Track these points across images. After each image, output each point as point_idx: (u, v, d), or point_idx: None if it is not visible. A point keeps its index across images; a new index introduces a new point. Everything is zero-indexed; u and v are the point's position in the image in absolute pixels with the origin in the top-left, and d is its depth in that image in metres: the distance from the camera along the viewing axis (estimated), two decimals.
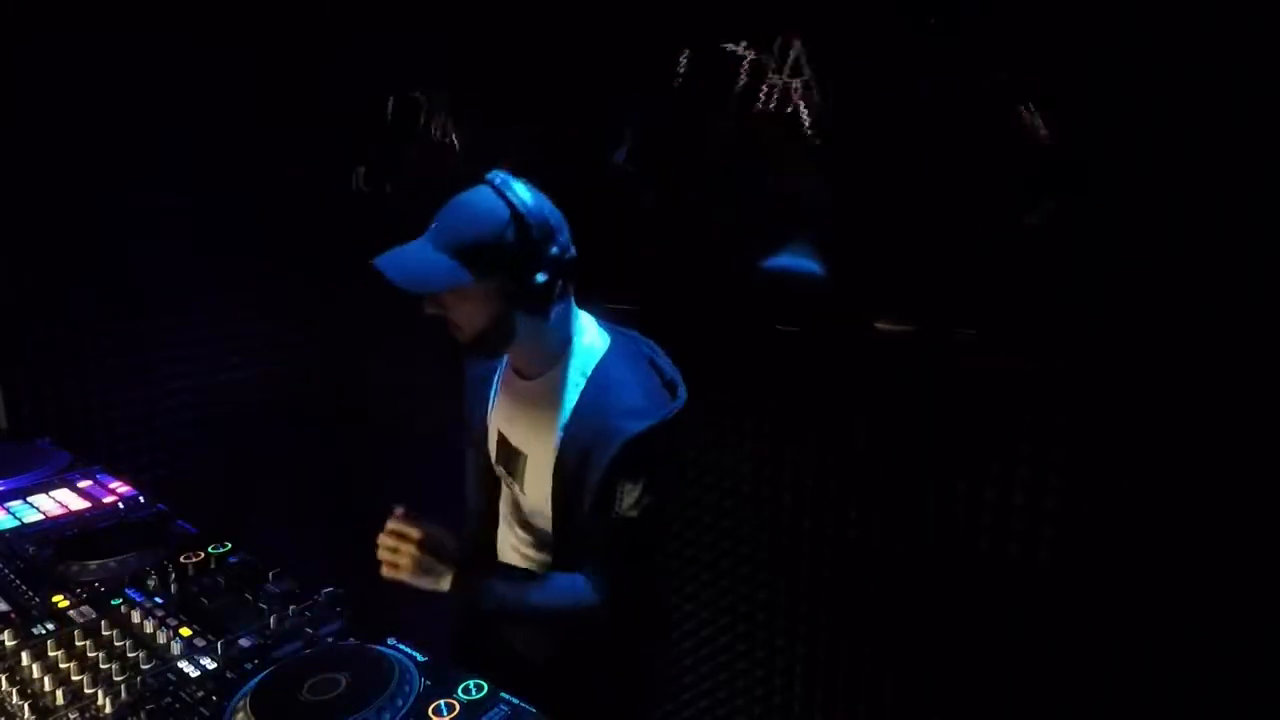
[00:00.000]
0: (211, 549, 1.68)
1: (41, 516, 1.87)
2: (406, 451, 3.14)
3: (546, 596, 1.47)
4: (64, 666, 1.31)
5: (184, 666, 1.32)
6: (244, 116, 2.96)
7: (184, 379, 3.03)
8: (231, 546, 1.70)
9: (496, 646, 1.64)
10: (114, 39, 2.63)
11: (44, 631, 1.41)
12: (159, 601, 1.51)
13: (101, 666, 1.32)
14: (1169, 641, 1.72)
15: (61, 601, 1.51)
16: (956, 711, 2.06)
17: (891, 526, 2.08)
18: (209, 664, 1.32)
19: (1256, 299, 1.54)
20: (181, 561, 1.63)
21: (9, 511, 1.88)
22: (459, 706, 1.20)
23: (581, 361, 1.47)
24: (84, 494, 2.00)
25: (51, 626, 1.43)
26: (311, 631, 1.41)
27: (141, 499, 1.96)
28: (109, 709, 1.22)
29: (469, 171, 1.41)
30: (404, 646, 1.35)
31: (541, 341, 1.46)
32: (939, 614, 2.04)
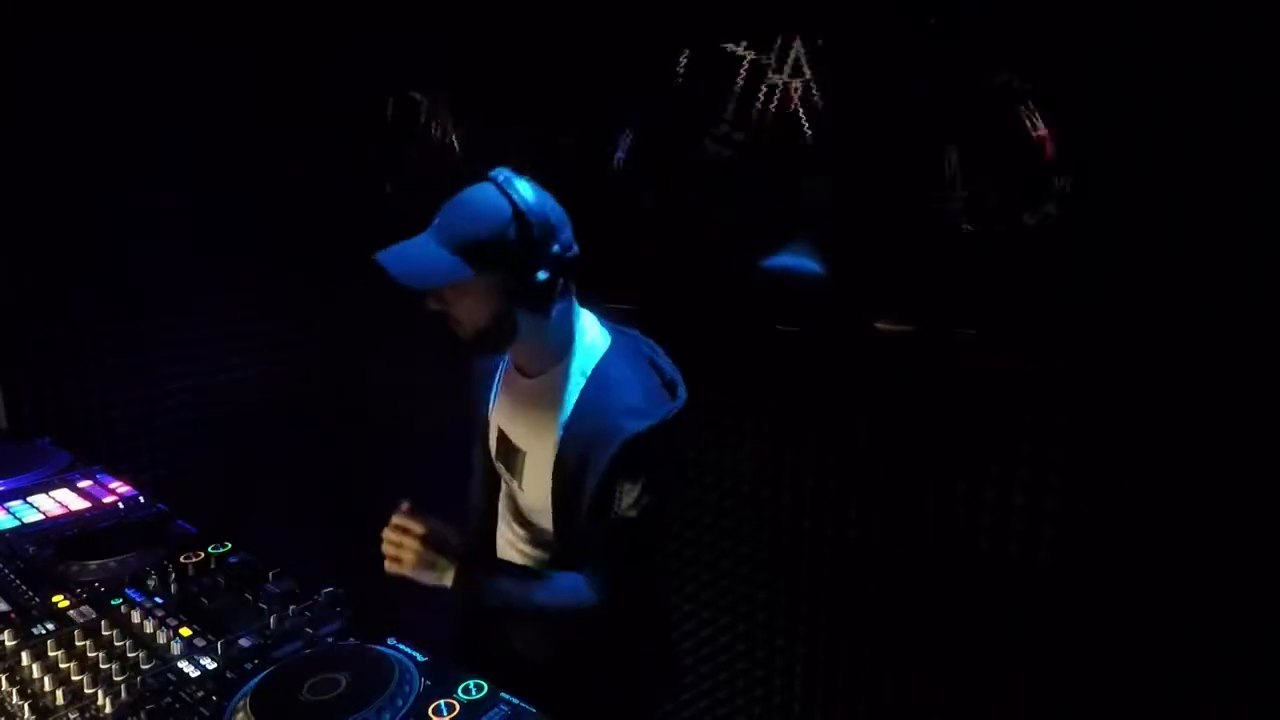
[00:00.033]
0: (211, 549, 1.68)
1: (41, 516, 1.87)
2: (406, 451, 3.14)
3: (548, 594, 1.47)
4: (64, 666, 1.31)
5: (184, 666, 1.32)
6: (244, 116, 2.96)
7: (184, 379, 3.03)
8: (231, 546, 1.70)
9: (496, 646, 1.64)
10: (114, 39, 2.64)
11: (44, 631, 1.41)
12: (159, 601, 1.50)
13: (101, 666, 1.31)
14: (1169, 641, 1.72)
15: (61, 601, 1.51)
16: (956, 711, 2.06)
17: (891, 526, 2.08)
18: (209, 664, 1.32)
19: (1256, 299, 1.54)
20: (181, 561, 1.62)
21: (9, 511, 1.88)
22: (459, 706, 1.20)
23: (582, 360, 1.47)
24: (84, 494, 2.00)
25: (51, 626, 1.43)
26: (311, 631, 1.41)
27: (141, 499, 1.96)
28: (109, 709, 1.22)
29: (469, 171, 1.41)
30: (404, 646, 1.34)
31: (543, 339, 1.46)
32: (939, 614, 2.04)
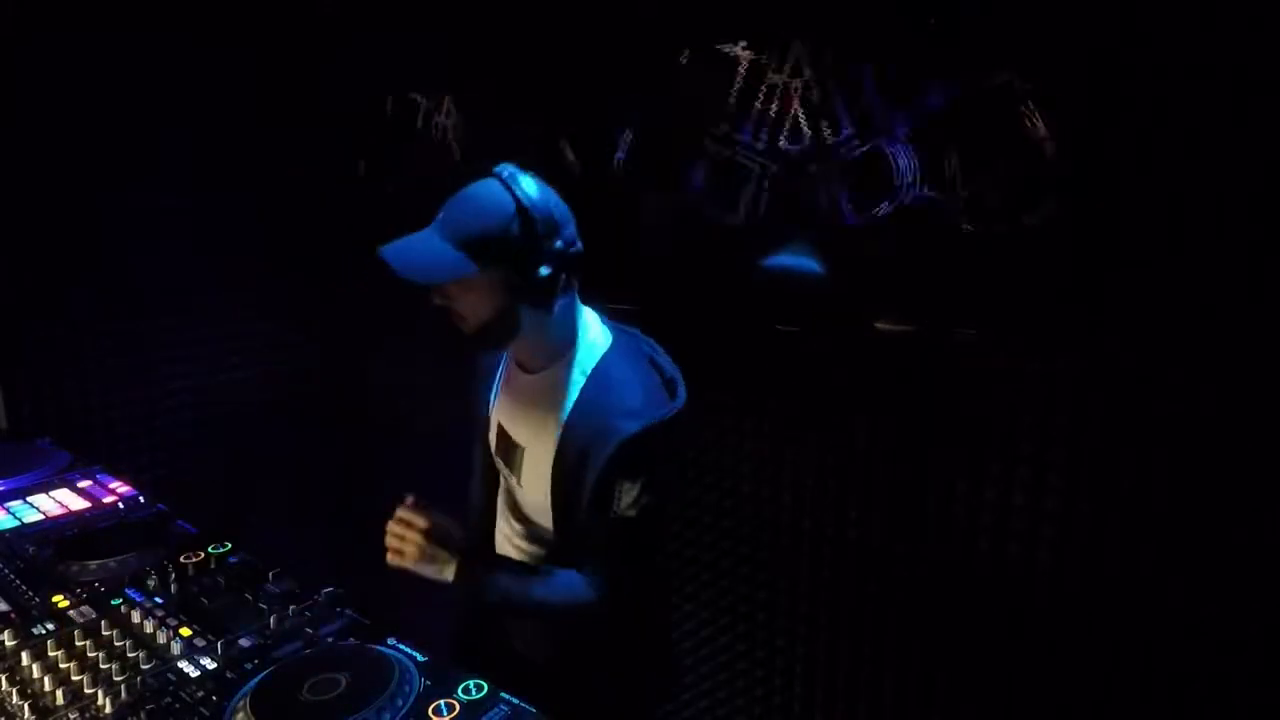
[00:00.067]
0: (211, 549, 1.68)
1: (41, 516, 1.87)
2: (406, 451, 3.14)
3: (548, 591, 1.47)
4: (64, 666, 1.31)
5: (184, 666, 1.32)
6: (244, 116, 2.96)
7: (184, 379, 3.03)
8: (231, 546, 1.70)
9: (496, 646, 1.64)
10: (114, 39, 2.64)
11: (44, 631, 1.41)
12: (159, 601, 1.50)
13: (101, 666, 1.31)
14: (1169, 641, 1.72)
15: (61, 601, 1.51)
16: (956, 711, 2.06)
17: (891, 526, 2.08)
18: (209, 664, 1.32)
19: (1256, 299, 1.54)
20: (181, 561, 1.62)
21: (9, 511, 1.88)
22: (459, 706, 1.20)
23: (583, 358, 1.47)
24: (84, 494, 2.00)
25: (51, 626, 1.43)
26: (311, 631, 1.41)
27: (141, 499, 1.96)
28: (109, 709, 1.22)
29: (469, 171, 1.41)
30: (404, 646, 1.35)
31: (545, 336, 1.46)
32: (939, 614, 2.04)
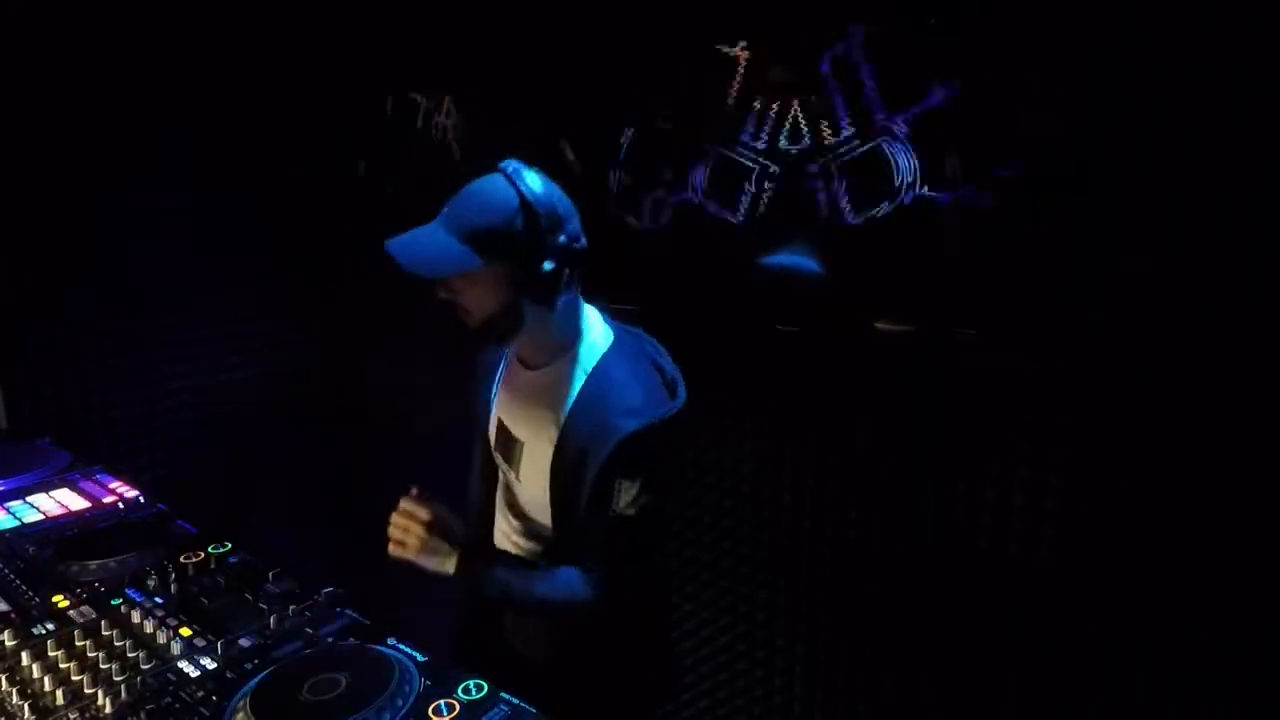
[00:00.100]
0: (211, 549, 1.68)
1: (41, 516, 1.87)
2: (406, 451, 3.14)
3: (548, 588, 1.47)
4: (64, 666, 1.31)
5: (184, 666, 1.32)
6: (244, 116, 2.96)
7: (184, 379, 3.03)
8: (231, 546, 1.70)
9: (496, 646, 1.64)
10: (114, 39, 2.63)
11: (44, 631, 1.41)
12: (159, 601, 1.50)
13: (101, 666, 1.31)
14: (1169, 641, 1.72)
15: (61, 601, 1.51)
16: (956, 711, 2.06)
17: (891, 526, 2.08)
18: (209, 664, 1.32)
19: (1256, 299, 1.54)
20: (181, 561, 1.63)
21: (9, 511, 1.88)
22: (459, 706, 1.20)
23: (585, 356, 1.48)
24: (84, 494, 2.00)
25: (51, 626, 1.43)
26: (311, 631, 1.41)
27: (141, 499, 1.96)
28: (109, 709, 1.22)
29: (469, 171, 1.41)
30: (404, 646, 1.35)
31: (548, 332, 1.46)
32: (939, 614, 2.04)
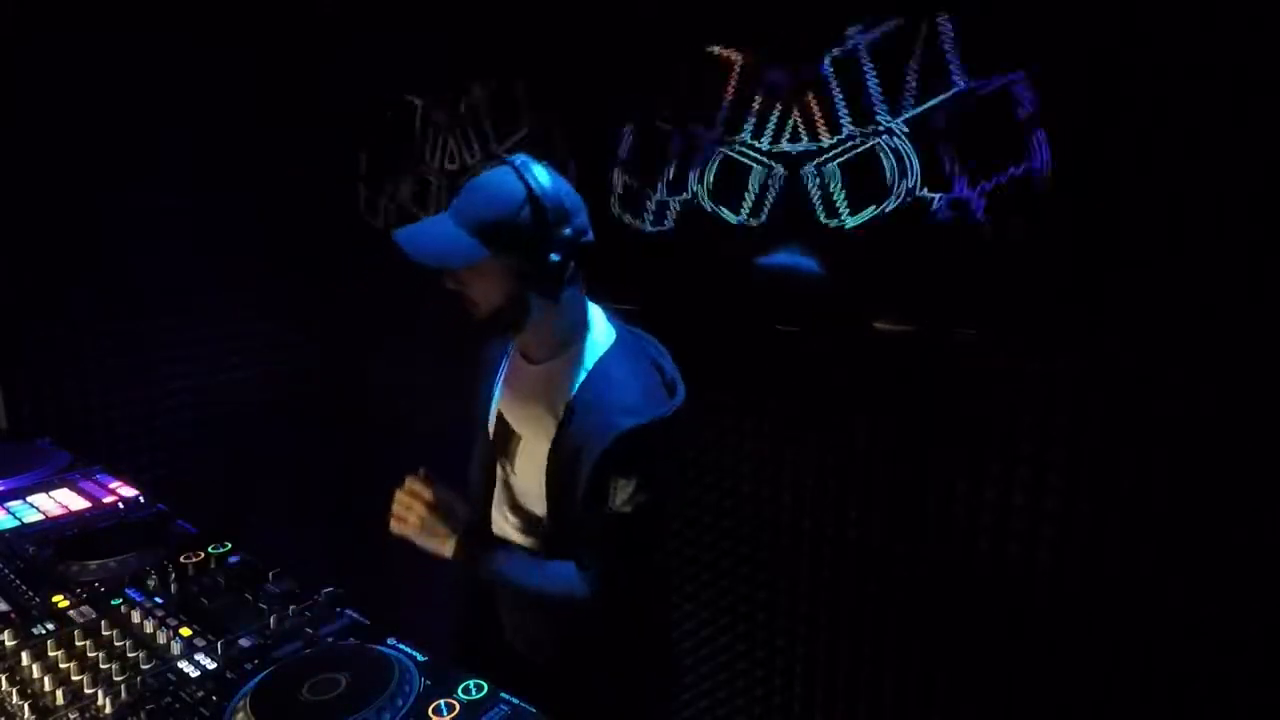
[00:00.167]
0: (211, 549, 1.69)
1: (41, 516, 1.87)
2: (406, 451, 3.13)
3: (544, 579, 1.48)
4: (64, 666, 1.31)
5: (184, 666, 1.32)
6: (244, 116, 2.97)
7: (184, 379, 3.03)
8: (231, 546, 1.70)
9: (496, 646, 1.64)
10: (114, 39, 2.64)
11: (44, 631, 1.41)
12: (159, 601, 1.51)
13: (101, 666, 1.32)
14: (1169, 641, 1.72)
15: (61, 601, 1.51)
16: (956, 711, 2.05)
17: (891, 526, 2.08)
18: (209, 664, 1.32)
19: (1256, 299, 1.54)
20: (181, 561, 1.63)
21: (9, 511, 1.88)
22: (459, 706, 1.20)
23: (587, 353, 1.48)
24: (84, 494, 2.00)
25: (51, 626, 1.43)
26: (311, 631, 1.41)
27: (141, 499, 1.96)
28: (109, 709, 1.22)
29: (472, 170, 1.42)
30: (404, 646, 1.35)
31: (552, 326, 1.47)
32: (939, 614, 2.04)
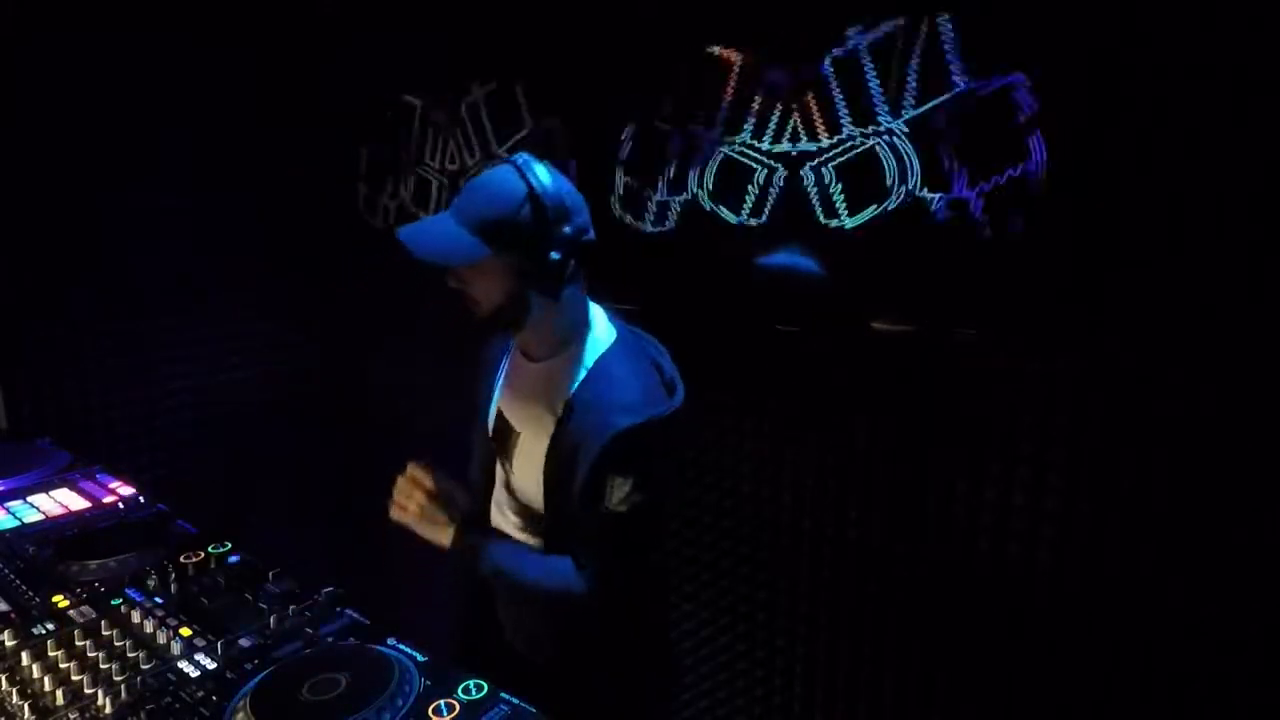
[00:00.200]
0: (211, 549, 1.69)
1: (41, 516, 1.87)
2: (406, 451, 3.13)
3: (540, 574, 1.48)
4: (64, 666, 1.31)
5: (184, 666, 1.32)
6: (244, 116, 2.97)
7: (184, 379, 3.03)
8: (231, 546, 1.70)
9: (496, 646, 1.64)
10: (114, 39, 2.64)
11: (44, 631, 1.41)
12: (159, 601, 1.51)
13: (101, 666, 1.32)
14: (1169, 641, 1.72)
15: (61, 601, 1.51)
16: (956, 711, 2.05)
17: (891, 526, 2.08)
18: (209, 664, 1.32)
19: (1256, 299, 1.54)
20: (181, 561, 1.63)
21: (9, 511, 1.88)
22: (459, 706, 1.20)
23: (587, 352, 1.48)
24: (84, 494, 2.00)
25: (51, 626, 1.43)
26: (311, 631, 1.41)
27: (141, 499, 1.96)
28: (109, 709, 1.22)
29: (472, 170, 1.42)
30: (404, 646, 1.35)
31: (553, 325, 1.47)
32: (939, 614, 2.04)
